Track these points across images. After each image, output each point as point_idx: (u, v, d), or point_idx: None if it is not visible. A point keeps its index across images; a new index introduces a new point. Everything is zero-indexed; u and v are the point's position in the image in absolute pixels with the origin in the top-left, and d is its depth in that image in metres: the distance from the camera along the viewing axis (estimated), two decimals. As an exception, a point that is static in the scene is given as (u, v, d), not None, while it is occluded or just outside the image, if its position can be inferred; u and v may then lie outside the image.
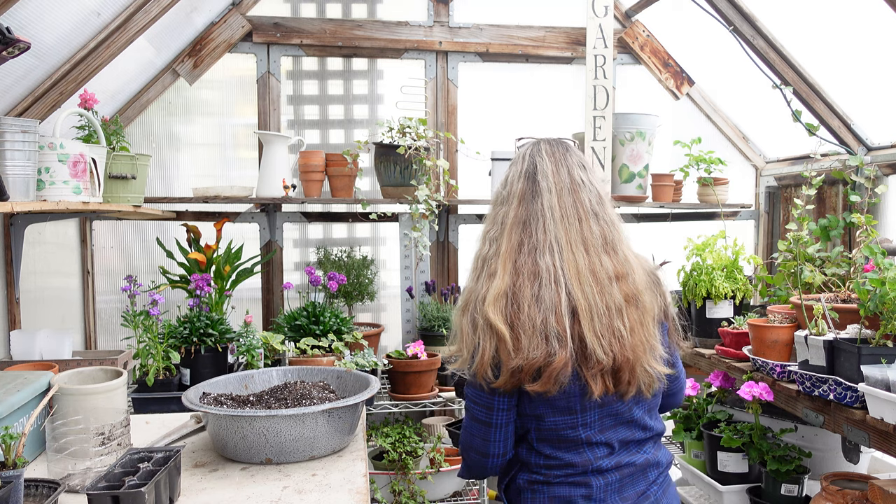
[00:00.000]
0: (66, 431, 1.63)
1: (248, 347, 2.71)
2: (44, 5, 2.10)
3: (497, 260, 1.52)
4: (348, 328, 2.88)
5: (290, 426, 1.72)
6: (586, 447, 1.51)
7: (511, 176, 1.61)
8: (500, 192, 1.62)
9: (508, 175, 1.62)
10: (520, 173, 1.59)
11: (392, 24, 3.40)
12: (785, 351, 2.22)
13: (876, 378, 1.74)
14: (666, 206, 3.36)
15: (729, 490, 2.49)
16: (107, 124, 2.57)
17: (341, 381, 2.10)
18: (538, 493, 1.53)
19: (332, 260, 3.34)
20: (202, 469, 1.74)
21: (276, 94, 3.36)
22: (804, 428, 2.47)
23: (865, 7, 2.44)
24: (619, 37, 3.50)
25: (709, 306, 2.67)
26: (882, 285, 1.82)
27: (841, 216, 2.65)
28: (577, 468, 1.51)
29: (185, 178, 3.32)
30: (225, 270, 2.98)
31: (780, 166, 3.52)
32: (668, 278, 3.04)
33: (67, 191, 2.12)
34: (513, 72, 3.54)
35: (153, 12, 2.54)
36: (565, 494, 1.51)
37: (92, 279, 3.23)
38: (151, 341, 2.54)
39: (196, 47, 3.22)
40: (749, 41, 2.92)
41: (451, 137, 3.37)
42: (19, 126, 1.92)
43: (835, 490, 2.07)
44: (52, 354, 2.53)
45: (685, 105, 3.64)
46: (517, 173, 1.59)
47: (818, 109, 2.94)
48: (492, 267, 1.52)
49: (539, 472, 1.53)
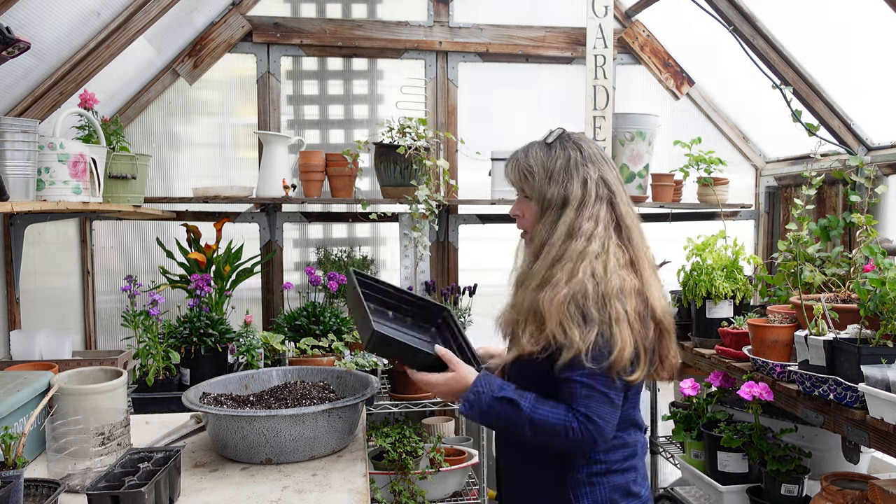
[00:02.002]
0: (66, 431, 1.63)
1: (248, 347, 2.71)
2: (44, 5, 2.09)
3: (625, 250, 1.58)
4: (348, 328, 2.88)
5: (290, 426, 1.72)
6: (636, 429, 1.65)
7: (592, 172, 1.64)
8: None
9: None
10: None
11: (392, 24, 3.40)
12: (785, 351, 2.22)
13: (876, 378, 1.74)
14: (666, 206, 3.36)
15: (729, 490, 2.49)
16: (107, 124, 2.57)
17: (341, 381, 2.10)
18: (598, 485, 1.58)
19: (332, 260, 3.34)
20: (202, 469, 1.74)
21: (276, 94, 3.36)
22: (804, 428, 2.47)
23: (865, 7, 2.44)
24: (619, 37, 3.50)
25: (709, 306, 2.67)
26: (882, 285, 1.81)
27: (841, 216, 2.65)
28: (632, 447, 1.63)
29: (185, 178, 3.32)
30: (225, 270, 2.98)
31: (780, 166, 3.52)
32: (668, 278, 3.06)
33: (67, 191, 2.12)
34: (513, 72, 3.54)
35: (153, 12, 2.54)
36: (622, 482, 1.59)
37: (92, 279, 3.23)
38: (151, 341, 2.54)
39: (196, 47, 3.22)
40: (749, 41, 2.92)
41: (451, 137, 3.37)
42: (19, 126, 1.92)
43: (835, 490, 2.07)
44: (52, 354, 2.53)
45: (685, 105, 3.64)
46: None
47: (818, 109, 2.94)
48: (626, 257, 1.57)
49: (600, 463, 1.58)
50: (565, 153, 1.60)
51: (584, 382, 1.46)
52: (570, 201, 1.57)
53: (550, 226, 1.58)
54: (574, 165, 1.59)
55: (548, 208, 1.60)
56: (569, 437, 1.46)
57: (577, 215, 1.56)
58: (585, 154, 1.61)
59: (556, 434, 1.47)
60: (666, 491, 3.17)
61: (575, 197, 1.56)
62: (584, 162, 1.59)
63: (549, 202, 1.59)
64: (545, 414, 1.48)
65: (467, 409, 1.54)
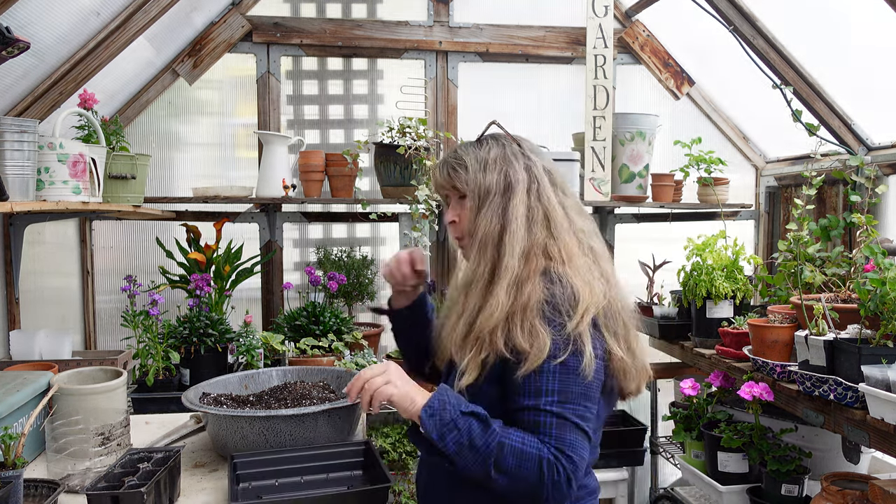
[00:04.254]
0: (65, 431, 1.63)
1: (248, 347, 2.71)
2: (44, 5, 2.09)
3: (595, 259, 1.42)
4: (348, 328, 2.88)
5: (289, 426, 1.72)
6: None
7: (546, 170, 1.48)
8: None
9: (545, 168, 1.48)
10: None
11: (392, 24, 3.40)
12: (785, 351, 2.22)
13: (876, 378, 1.73)
14: (666, 206, 3.36)
15: (729, 490, 2.49)
16: (106, 124, 2.56)
17: (341, 381, 2.10)
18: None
19: (332, 260, 3.33)
20: (202, 469, 1.74)
21: (275, 94, 3.36)
22: (804, 428, 2.47)
23: (865, 7, 2.44)
24: (619, 37, 3.50)
25: (709, 306, 2.67)
26: (882, 285, 1.81)
27: (841, 216, 2.65)
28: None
29: (184, 178, 3.32)
30: (225, 270, 2.98)
31: (780, 166, 3.52)
32: (668, 278, 3.05)
33: (67, 191, 2.12)
34: (513, 72, 3.54)
35: (153, 12, 2.54)
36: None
37: (92, 279, 3.23)
38: (151, 341, 2.54)
39: (196, 47, 3.22)
40: (749, 41, 2.92)
41: (451, 137, 3.37)
42: (19, 126, 1.92)
43: (835, 490, 2.07)
44: (51, 354, 2.53)
45: (685, 105, 3.64)
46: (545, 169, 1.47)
47: (818, 109, 2.94)
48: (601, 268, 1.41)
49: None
50: (498, 144, 1.46)
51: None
52: (513, 186, 1.39)
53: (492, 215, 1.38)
54: (512, 154, 1.43)
55: (485, 198, 1.40)
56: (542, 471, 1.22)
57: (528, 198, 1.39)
58: (525, 146, 1.47)
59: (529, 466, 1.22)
60: (666, 491, 3.17)
61: (520, 180, 1.40)
62: (523, 152, 1.45)
63: (486, 191, 1.40)
64: (517, 439, 1.24)
65: (427, 416, 1.25)
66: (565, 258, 1.36)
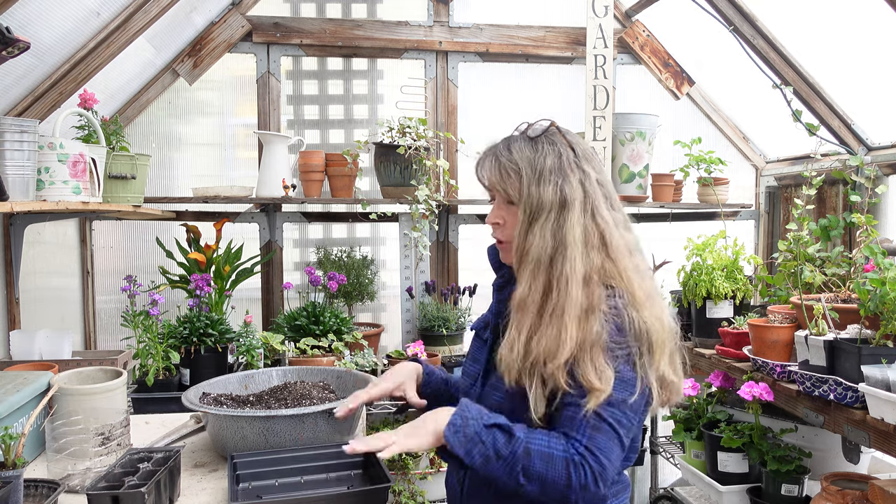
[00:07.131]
0: (65, 431, 1.63)
1: (248, 347, 2.71)
2: (44, 5, 2.09)
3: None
4: (348, 328, 2.88)
5: (289, 426, 1.72)
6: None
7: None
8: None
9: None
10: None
11: (392, 23, 3.40)
12: (785, 351, 2.22)
13: (876, 378, 1.73)
14: (666, 206, 3.36)
15: (729, 490, 2.49)
16: (106, 124, 2.56)
17: (341, 381, 2.10)
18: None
19: (332, 260, 3.33)
20: (202, 469, 1.74)
21: (275, 94, 3.36)
22: (804, 428, 2.47)
23: (865, 7, 2.44)
24: (619, 37, 3.50)
25: (709, 306, 2.67)
26: (882, 285, 1.81)
27: (841, 216, 2.65)
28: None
29: (185, 178, 3.32)
30: (225, 270, 2.98)
31: (780, 166, 3.52)
32: (669, 278, 3.05)
33: (67, 191, 2.12)
34: (513, 72, 3.54)
35: (153, 12, 2.54)
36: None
37: (92, 279, 3.23)
38: (151, 341, 2.54)
39: (196, 47, 3.22)
40: (749, 41, 2.92)
41: (451, 137, 3.37)
42: (19, 126, 1.92)
43: (835, 490, 2.07)
44: (51, 354, 2.53)
45: (685, 105, 3.64)
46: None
47: (818, 109, 2.94)
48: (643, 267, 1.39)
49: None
50: (554, 149, 1.36)
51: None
52: (569, 204, 1.32)
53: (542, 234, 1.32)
54: (568, 165, 1.35)
55: (538, 214, 1.33)
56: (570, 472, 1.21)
57: (584, 217, 1.32)
58: (579, 153, 1.37)
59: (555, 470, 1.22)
60: (666, 491, 3.17)
61: (576, 198, 1.32)
62: (578, 161, 1.36)
63: (539, 206, 1.33)
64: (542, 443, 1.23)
65: (451, 434, 1.24)
66: (626, 284, 1.31)
